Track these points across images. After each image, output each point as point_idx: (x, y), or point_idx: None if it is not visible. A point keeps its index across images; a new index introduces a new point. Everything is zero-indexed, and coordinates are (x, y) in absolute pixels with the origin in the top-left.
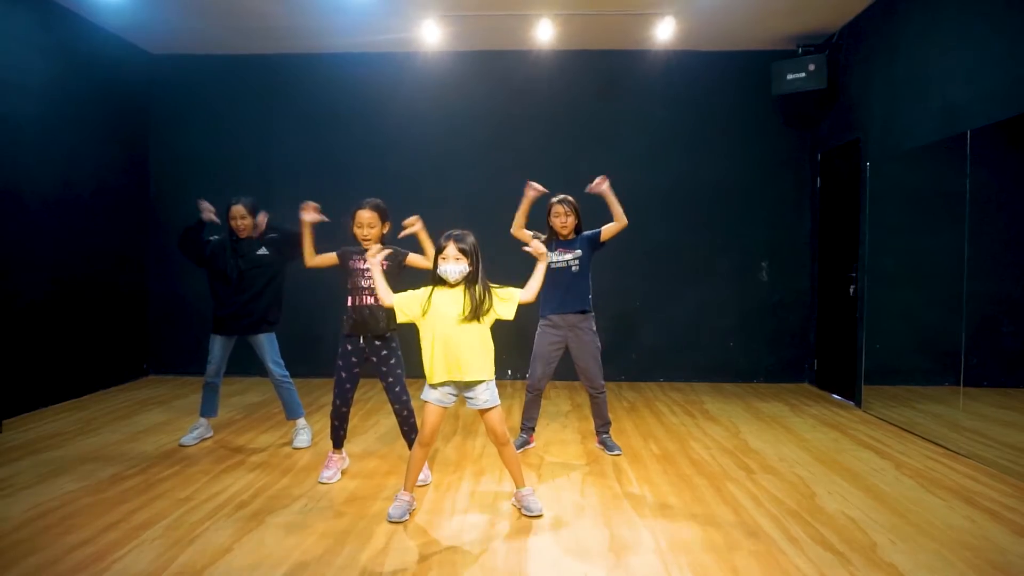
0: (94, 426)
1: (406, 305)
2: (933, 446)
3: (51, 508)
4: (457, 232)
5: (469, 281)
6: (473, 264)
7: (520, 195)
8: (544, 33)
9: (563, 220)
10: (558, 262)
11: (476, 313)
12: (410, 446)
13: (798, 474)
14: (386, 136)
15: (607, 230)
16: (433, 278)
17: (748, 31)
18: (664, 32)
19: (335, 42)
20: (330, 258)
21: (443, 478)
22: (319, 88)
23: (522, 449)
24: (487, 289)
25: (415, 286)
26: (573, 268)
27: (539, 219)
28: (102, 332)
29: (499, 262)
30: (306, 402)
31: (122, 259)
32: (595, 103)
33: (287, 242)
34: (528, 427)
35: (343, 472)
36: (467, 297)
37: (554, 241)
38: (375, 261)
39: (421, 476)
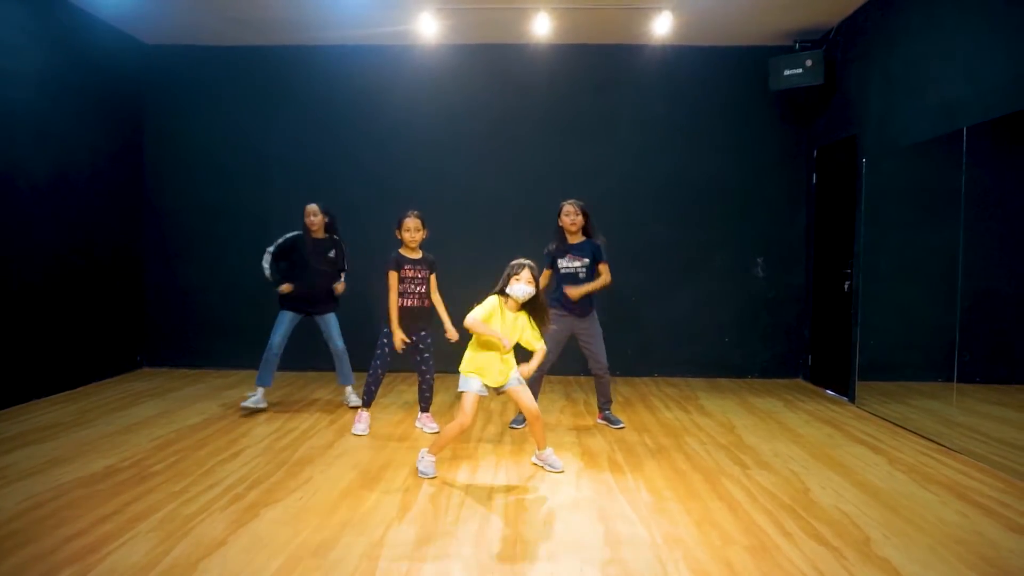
0: (88, 418)
1: (490, 321)
2: (926, 442)
3: (45, 500)
4: (531, 263)
5: (528, 305)
6: (536, 291)
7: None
8: (541, 27)
9: (572, 218)
10: (567, 268)
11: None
12: (425, 407)
13: (792, 469)
14: (383, 129)
15: (600, 282)
16: (500, 293)
17: (745, 26)
18: (661, 27)
19: (331, 34)
20: (393, 276)
21: (439, 472)
22: (315, 80)
23: (522, 425)
24: (532, 324)
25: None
26: (580, 275)
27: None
28: (96, 323)
29: (495, 255)
30: (301, 395)
31: (116, 250)
32: (592, 97)
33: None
34: None
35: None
36: (526, 319)
37: (565, 247)
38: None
39: (433, 426)
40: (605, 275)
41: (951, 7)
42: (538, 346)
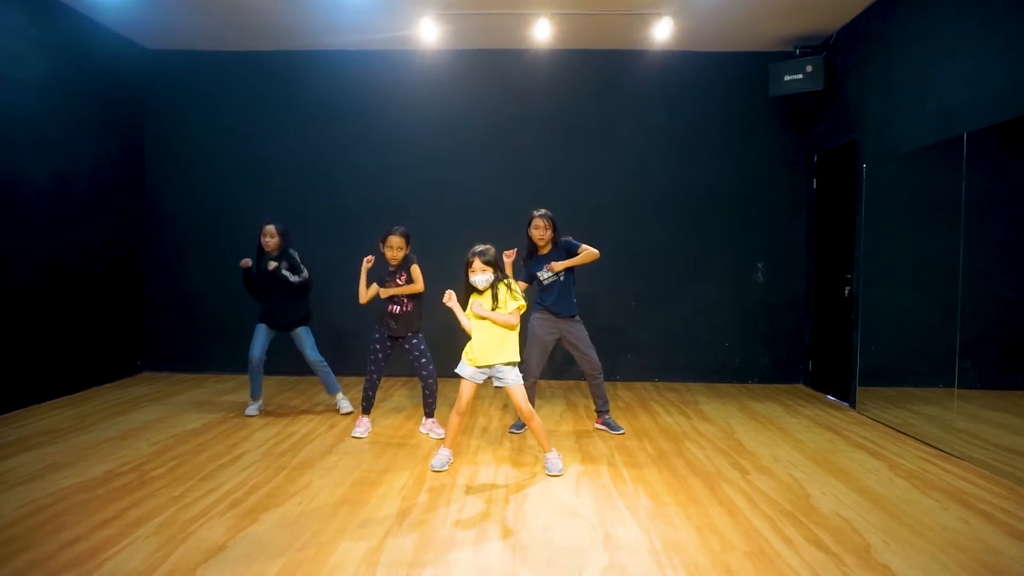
0: (88, 423)
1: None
2: (927, 447)
3: (44, 504)
4: (480, 248)
5: (494, 285)
6: (496, 271)
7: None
8: (542, 32)
9: (542, 233)
10: (549, 277)
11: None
12: (429, 413)
13: (792, 475)
14: (383, 134)
15: (582, 255)
16: (467, 289)
17: (746, 32)
18: (662, 32)
19: (332, 39)
20: (374, 290)
21: (438, 475)
22: (316, 85)
23: (523, 430)
24: (508, 288)
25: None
26: (561, 277)
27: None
28: (96, 328)
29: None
30: (300, 400)
31: (117, 254)
32: (592, 103)
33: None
34: None
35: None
36: (492, 299)
37: (540, 259)
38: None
39: (439, 431)
40: (589, 250)
41: (951, 13)
42: (512, 307)
